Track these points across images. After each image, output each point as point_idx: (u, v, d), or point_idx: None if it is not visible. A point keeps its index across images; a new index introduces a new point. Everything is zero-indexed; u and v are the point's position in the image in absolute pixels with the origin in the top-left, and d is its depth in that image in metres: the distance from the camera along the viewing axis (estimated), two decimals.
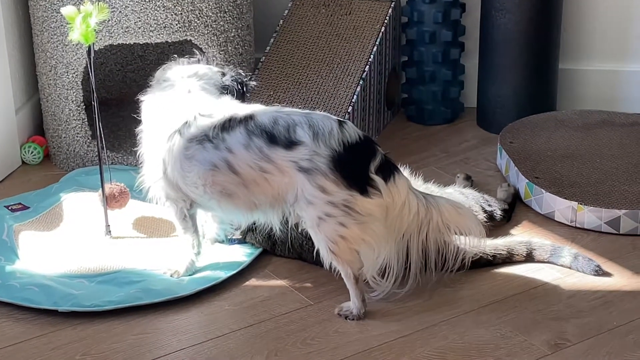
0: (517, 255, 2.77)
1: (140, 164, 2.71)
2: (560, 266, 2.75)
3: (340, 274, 2.54)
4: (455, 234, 2.56)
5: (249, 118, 2.52)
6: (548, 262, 2.76)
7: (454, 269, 2.60)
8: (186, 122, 2.57)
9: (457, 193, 2.90)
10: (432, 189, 2.83)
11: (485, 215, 2.88)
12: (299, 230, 2.67)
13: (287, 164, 2.46)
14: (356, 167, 2.45)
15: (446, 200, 2.59)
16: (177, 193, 2.63)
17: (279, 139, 2.47)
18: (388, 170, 2.48)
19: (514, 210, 3.03)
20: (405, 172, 2.66)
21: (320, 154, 2.44)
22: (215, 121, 2.54)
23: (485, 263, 2.74)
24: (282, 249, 2.80)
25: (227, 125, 2.53)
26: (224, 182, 2.54)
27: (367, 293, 2.57)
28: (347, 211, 2.45)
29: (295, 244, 2.76)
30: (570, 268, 2.74)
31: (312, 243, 2.67)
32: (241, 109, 2.58)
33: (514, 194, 3.06)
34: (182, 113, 2.59)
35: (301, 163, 2.45)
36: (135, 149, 2.75)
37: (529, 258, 2.77)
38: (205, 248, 2.77)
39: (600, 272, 2.72)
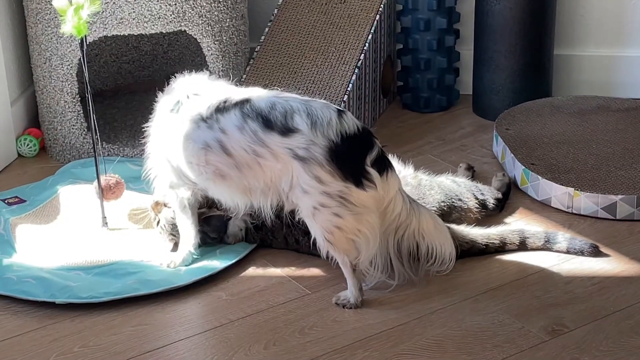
0: (510, 244, 2.76)
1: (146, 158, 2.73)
2: (556, 252, 2.75)
3: (336, 263, 2.55)
4: (428, 247, 2.55)
5: (245, 101, 2.52)
6: (543, 250, 2.76)
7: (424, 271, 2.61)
8: (178, 102, 2.60)
9: (449, 181, 2.89)
10: (422, 177, 2.83)
11: (476, 202, 2.87)
12: (288, 218, 2.66)
13: (282, 151, 2.46)
14: (353, 159, 2.44)
15: (429, 213, 2.59)
16: (180, 179, 2.64)
17: (275, 124, 2.46)
18: (383, 165, 2.48)
19: (507, 199, 3.03)
20: (394, 161, 2.66)
21: (318, 143, 2.43)
22: (209, 102, 2.55)
23: (477, 252, 2.73)
24: (277, 243, 2.80)
25: (222, 106, 2.53)
26: (216, 163, 2.54)
27: (363, 282, 2.57)
28: (342, 202, 2.44)
29: (288, 237, 2.76)
30: (567, 252, 2.74)
31: (299, 232, 2.68)
32: (238, 91, 2.58)
33: (508, 183, 3.06)
34: (175, 94, 2.62)
35: (297, 151, 2.44)
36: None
37: (522, 247, 2.76)
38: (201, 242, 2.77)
39: (597, 251, 2.73)
